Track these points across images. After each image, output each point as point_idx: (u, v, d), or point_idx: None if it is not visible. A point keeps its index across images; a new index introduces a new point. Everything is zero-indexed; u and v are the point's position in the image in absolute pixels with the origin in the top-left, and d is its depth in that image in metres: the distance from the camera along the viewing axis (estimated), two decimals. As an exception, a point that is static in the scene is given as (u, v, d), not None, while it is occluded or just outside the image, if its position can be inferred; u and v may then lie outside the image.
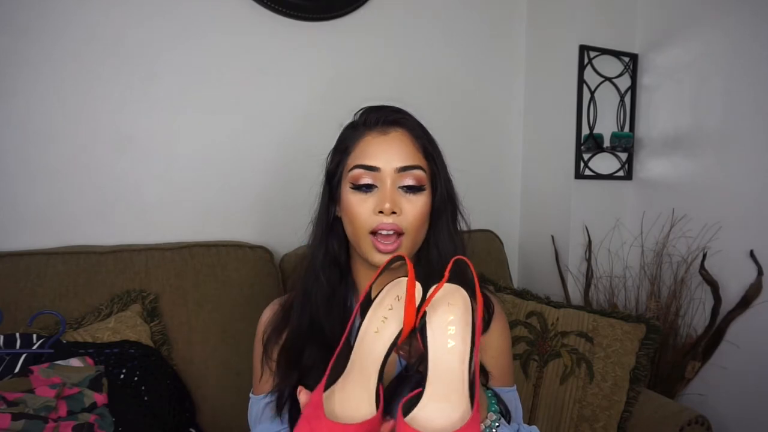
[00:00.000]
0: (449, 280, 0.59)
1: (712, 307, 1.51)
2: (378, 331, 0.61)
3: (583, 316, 1.40)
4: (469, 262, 0.60)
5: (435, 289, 0.58)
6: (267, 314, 0.85)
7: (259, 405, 0.79)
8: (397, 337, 0.59)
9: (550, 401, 1.32)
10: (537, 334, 1.41)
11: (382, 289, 0.65)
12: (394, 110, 0.79)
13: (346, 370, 0.59)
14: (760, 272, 1.44)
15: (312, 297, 0.78)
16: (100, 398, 0.91)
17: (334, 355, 0.59)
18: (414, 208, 0.74)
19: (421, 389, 0.55)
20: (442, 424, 0.52)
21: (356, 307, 0.64)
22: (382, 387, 0.58)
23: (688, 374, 1.55)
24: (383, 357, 0.59)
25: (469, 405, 0.53)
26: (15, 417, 0.80)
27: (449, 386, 0.55)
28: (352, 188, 0.75)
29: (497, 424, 0.66)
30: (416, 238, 0.76)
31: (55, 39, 1.26)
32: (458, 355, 0.57)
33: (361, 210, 0.74)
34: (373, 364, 0.58)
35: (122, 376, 1.02)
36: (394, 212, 0.72)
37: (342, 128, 0.82)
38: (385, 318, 0.62)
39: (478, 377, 0.56)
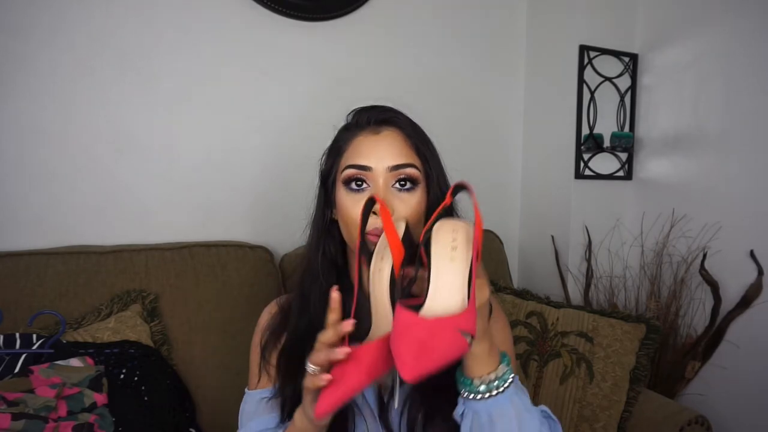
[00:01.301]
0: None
1: (712, 307, 1.51)
2: (381, 269, 0.65)
3: (583, 316, 1.40)
4: (468, 185, 0.63)
5: (439, 207, 0.64)
6: (265, 317, 0.85)
7: (255, 400, 0.79)
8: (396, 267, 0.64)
9: (550, 401, 1.32)
10: (537, 334, 1.41)
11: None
12: (386, 109, 0.79)
13: (373, 321, 0.63)
14: (760, 272, 1.44)
15: (310, 300, 0.78)
16: (100, 398, 0.91)
17: (353, 307, 0.64)
18: (407, 207, 0.73)
19: (422, 300, 0.59)
20: (440, 314, 0.57)
21: (358, 261, 0.67)
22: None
23: (688, 374, 1.55)
24: (389, 287, 0.64)
25: (467, 302, 0.58)
26: (15, 417, 0.80)
27: (450, 292, 0.59)
28: (345, 189, 0.75)
29: (509, 377, 0.65)
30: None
31: (54, 39, 1.26)
32: (460, 267, 0.60)
33: (354, 211, 0.73)
34: (386, 296, 0.64)
35: (122, 376, 1.02)
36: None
37: (336, 131, 0.82)
38: (382, 257, 0.66)
39: (475, 279, 0.59)
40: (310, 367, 0.62)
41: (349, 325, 0.60)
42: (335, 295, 0.63)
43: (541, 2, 1.83)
